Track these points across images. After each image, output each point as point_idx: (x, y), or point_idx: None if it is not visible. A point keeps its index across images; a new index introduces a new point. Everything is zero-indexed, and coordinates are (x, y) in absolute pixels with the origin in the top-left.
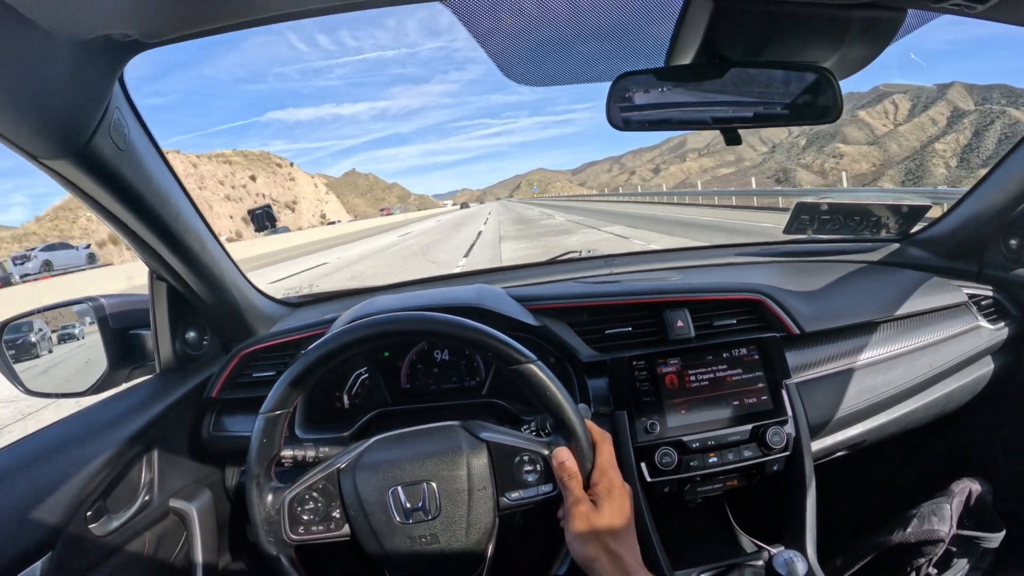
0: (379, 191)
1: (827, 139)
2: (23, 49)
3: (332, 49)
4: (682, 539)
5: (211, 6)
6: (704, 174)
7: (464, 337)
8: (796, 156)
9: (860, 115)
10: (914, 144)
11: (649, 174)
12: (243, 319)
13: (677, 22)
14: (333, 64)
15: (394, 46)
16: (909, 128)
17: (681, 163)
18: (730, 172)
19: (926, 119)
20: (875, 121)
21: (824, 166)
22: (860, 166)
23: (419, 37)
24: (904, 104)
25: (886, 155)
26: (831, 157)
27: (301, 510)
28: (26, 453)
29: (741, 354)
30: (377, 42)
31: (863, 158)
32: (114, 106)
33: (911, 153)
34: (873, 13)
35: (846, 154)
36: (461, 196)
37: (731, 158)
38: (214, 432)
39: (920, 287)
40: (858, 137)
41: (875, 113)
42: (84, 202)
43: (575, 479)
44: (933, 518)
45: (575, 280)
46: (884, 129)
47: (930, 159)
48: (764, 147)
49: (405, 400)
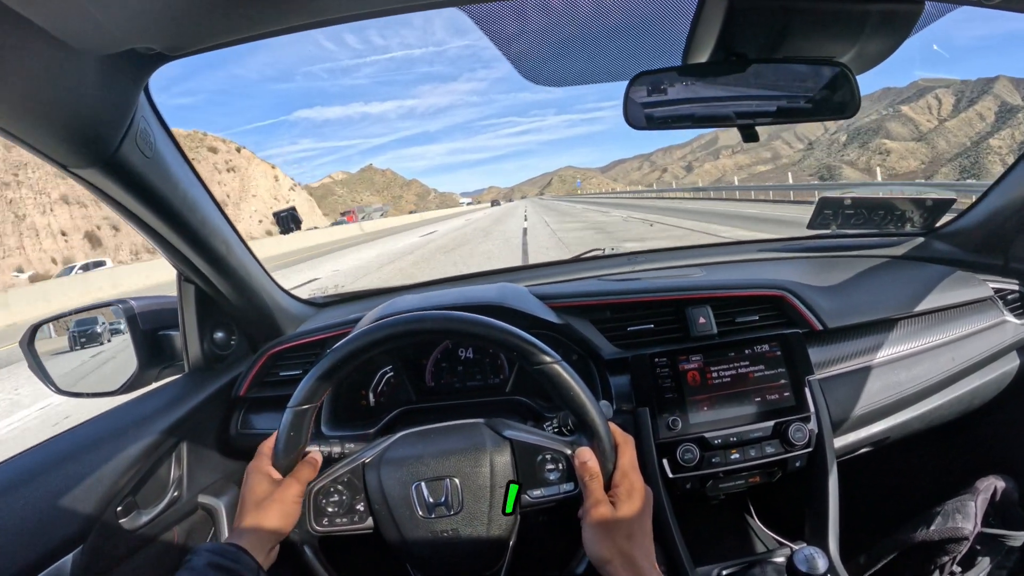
0: (396, 188)
1: (870, 135)
2: (51, 66)
3: (360, 48)
4: (704, 535)
5: (232, 19)
6: (740, 171)
7: (490, 336)
8: (837, 153)
9: (903, 110)
10: (962, 140)
11: (681, 172)
12: (270, 319)
13: (693, 20)
14: (361, 63)
15: (421, 44)
16: (956, 123)
17: (715, 160)
18: (767, 169)
19: (973, 114)
20: (919, 116)
21: (870, 163)
22: (908, 163)
23: (446, 35)
24: (948, 99)
25: (934, 152)
26: (876, 153)
27: (326, 502)
28: (59, 450)
29: (763, 350)
30: (404, 40)
31: (910, 155)
32: (140, 115)
33: (961, 149)
34: (890, 6)
35: (892, 150)
36: (488, 194)
37: (767, 155)
38: (242, 429)
39: (945, 281)
40: (902, 133)
41: (918, 108)
42: (114, 209)
43: (596, 479)
44: (957, 516)
45: (598, 278)
46: (928, 125)
47: (985, 155)
48: (800, 144)
49: (430, 398)
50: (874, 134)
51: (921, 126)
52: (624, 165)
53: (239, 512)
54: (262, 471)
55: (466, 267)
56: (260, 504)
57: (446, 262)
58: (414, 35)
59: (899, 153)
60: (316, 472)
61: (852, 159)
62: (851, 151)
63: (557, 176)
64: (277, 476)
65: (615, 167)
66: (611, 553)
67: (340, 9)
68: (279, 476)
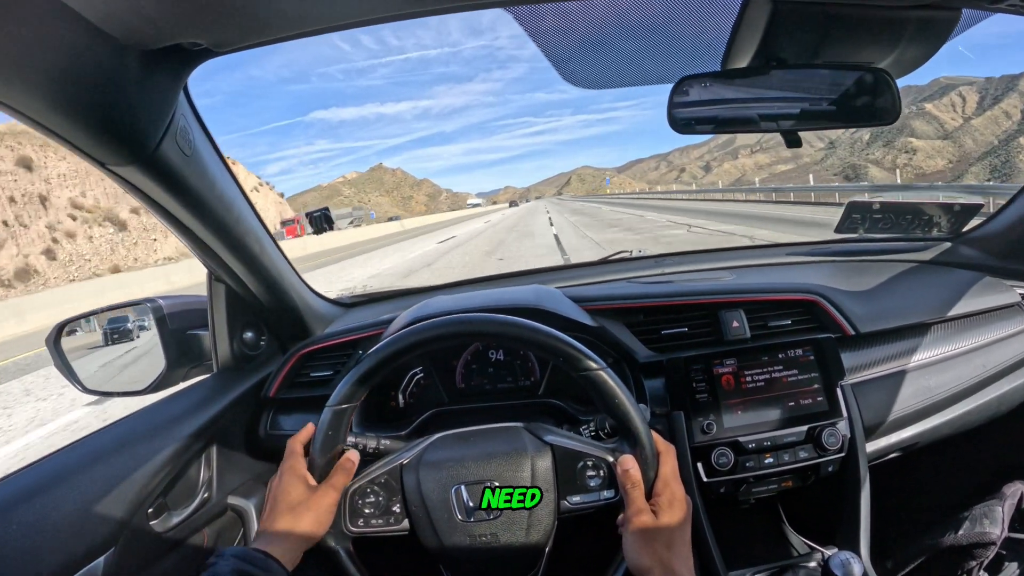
0: (407, 188)
1: (894, 133)
2: (95, 61)
3: (375, 49)
4: (735, 539)
5: (280, 16)
6: (760, 171)
7: (535, 341)
8: (860, 151)
9: (927, 108)
10: (989, 138)
11: (700, 171)
12: (300, 319)
13: (735, 24)
14: (376, 64)
15: (436, 45)
16: (982, 122)
17: (733, 160)
18: (789, 169)
19: (999, 112)
20: (943, 114)
21: (896, 161)
22: (935, 162)
23: (461, 36)
24: (972, 97)
25: (961, 151)
26: (903, 152)
27: (362, 503)
28: (91, 451)
29: (797, 355)
30: (419, 41)
31: (937, 153)
32: (180, 113)
33: (990, 148)
34: (929, 13)
35: (919, 149)
36: (504, 194)
37: (787, 154)
38: (271, 431)
39: (973, 287)
40: (927, 131)
41: (942, 106)
42: (148, 206)
43: (638, 488)
44: (984, 520)
45: (628, 280)
46: (953, 123)
47: (1016, 154)
48: (820, 143)
49: (460, 400)
50: (898, 132)
51: (946, 124)
52: (641, 165)
53: (269, 514)
54: (297, 473)
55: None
56: (295, 509)
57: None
58: (429, 36)
59: (925, 152)
60: (351, 477)
61: (877, 158)
62: (875, 150)
63: (576, 175)
64: (312, 481)
65: (632, 167)
66: (652, 562)
67: (385, 9)
68: (314, 481)
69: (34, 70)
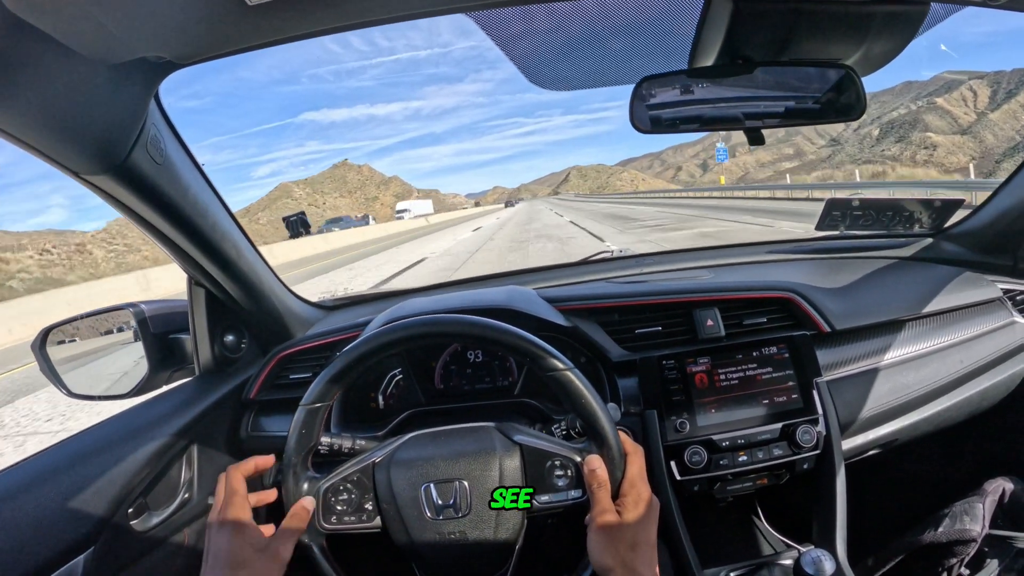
0: (372, 187)
1: (907, 128)
2: (62, 74)
3: (365, 50)
4: (711, 537)
5: (240, 29)
6: (763, 168)
7: (502, 341)
8: (871, 148)
9: (937, 102)
10: (1010, 133)
11: (697, 170)
12: (280, 322)
13: (698, 24)
14: (366, 65)
15: (427, 46)
16: (1000, 116)
17: (732, 157)
18: (794, 166)
19: (1016, 105)
20: (955, 109)
21: (916, 158)
22: (956, 158)
23: (451, 36)
24: (984, 91)
25: (982, 145)
26: (921, 148)
27: (335, 500)
28: (71, 452)
29: (771, 352)
30: (410, 42)
31: (958, 149)
32: (151, 122)
33: (1013, 143)
34: (896, 8)
35: (939, 144)
36: (493, 195)
37: (789, 151)
38: (252, 432)
39: (953, 282)
40: (941, 126)
41: (952, 100)
42: (125, 215)
43: (604, 488)
44: (965, 517)
45: (606, 280)
46: (967, 117)
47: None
48: (821, 140)
49: (439, 400)
50: (911, 127)
51: (960, 119)
52: (633, 164)
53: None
54: (240, 525)
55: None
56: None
57: None
58: (420, 37)
59: (946, 147)
60: (305, 525)
61: (895, 154)
62: (886, 145)
63: (576, 170)
64: (259, 534)
65: (625, 166)
66: (614, 562)
67: (349, 17)
68: (262, 534)
69: (2, 84)
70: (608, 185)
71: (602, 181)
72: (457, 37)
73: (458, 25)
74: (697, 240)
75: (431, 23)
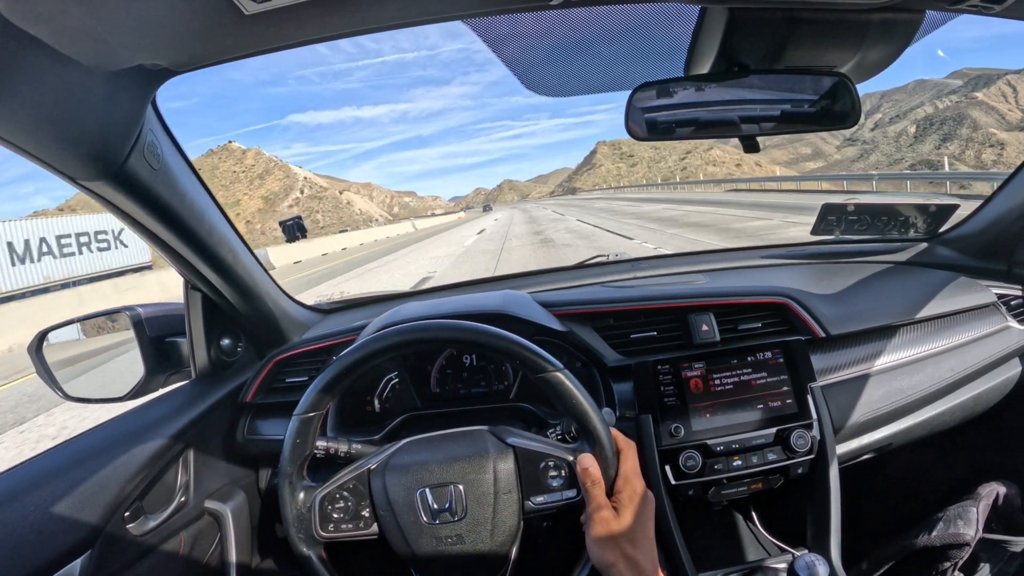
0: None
1: (952, 124)
2: (60, 82)
3: (352, 52)
4: (706, 541)
5: (236, 38)
6: (788, 168)
7: (492, 345)
8: (908, 146)
9: (979, 97)
10: None
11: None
12: (276, 326)
13: (694, 31)
14: (353, 67)
15: (414, 48)
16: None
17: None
18: (817, 167)
19: None
20: (999, 104)
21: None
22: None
23: (439, 39)
24: (1022, 85)
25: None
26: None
27: (331, 508)
28: (68, 456)
29: (766, 357)
30: (397, 44)
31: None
32: (147, 128)
33: None
34: (891, 15)
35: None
36: (474, 197)
37: (807, 151)
38: (248, 435)
39: (947, 287)
40: (988, 122)
41: (992, 96)
42: (122, 219)
43: (598, 485)
44: (959, 521)
45: (602, 284)
46: (1012, 114)
47: None
48: (836, 140)
49: (435, 404)
50: (957, 124)
51: (1005, 115)
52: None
53: None
54: None
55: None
56: None
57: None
58: (407, 39)
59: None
60: None
61: (954, 152)
62: (930, 144)
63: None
64: None
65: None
66: (615, 557)
67: (345, 26)
68: None
69: (0, 91)
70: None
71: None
72: (445, 40)
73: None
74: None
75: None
